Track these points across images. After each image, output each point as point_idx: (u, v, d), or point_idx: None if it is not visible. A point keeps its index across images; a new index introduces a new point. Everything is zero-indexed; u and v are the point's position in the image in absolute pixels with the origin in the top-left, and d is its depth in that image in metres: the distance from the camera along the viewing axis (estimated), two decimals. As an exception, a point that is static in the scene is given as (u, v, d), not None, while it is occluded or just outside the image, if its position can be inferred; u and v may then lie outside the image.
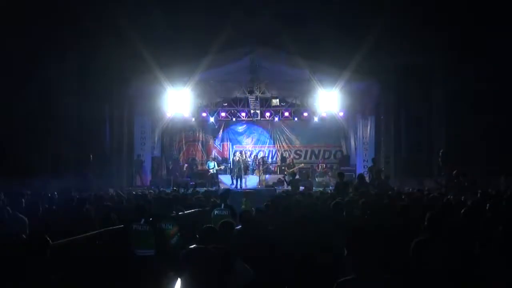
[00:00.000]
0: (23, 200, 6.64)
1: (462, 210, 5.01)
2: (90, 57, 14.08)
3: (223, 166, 20.25)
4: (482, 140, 12.48)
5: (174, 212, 6.98)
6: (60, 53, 12.86)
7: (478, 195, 7.52)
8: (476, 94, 12.69)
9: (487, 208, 5.54)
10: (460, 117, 13.44)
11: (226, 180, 19.25)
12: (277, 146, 22.36)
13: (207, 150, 22.17)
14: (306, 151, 22.30)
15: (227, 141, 22.38)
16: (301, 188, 13.09)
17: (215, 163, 19.51)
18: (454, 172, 10.82)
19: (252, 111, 20.24)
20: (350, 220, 5.57)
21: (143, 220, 5.89)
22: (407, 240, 3.82)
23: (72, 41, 12.99)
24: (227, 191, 8.90)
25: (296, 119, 20.93)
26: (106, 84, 15.04)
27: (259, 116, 20.91)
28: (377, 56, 14.07)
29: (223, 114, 20.57)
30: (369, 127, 18.87)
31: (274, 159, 22.21)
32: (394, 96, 16.49)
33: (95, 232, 5.88)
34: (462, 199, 7.51)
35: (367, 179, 12.04)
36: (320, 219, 5.54)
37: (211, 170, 19.08)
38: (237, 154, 19.22)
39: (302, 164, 20.64)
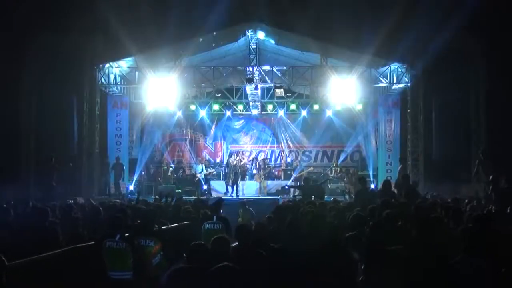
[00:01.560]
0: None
1: None
2: (55, 37, 14.05)
3: (215, 171, 20.24)
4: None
5: (156, 226, 6.89)
6: (20, 33, 12.85)
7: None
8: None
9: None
10: (503, 109, 13.43)
11: (219, 187, 19.23)
12: (281, 146, 22.30)
13: (196, 151, 22.12)
14: (317, 152, 22.25)
15: (221, 140, 22.32)
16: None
17: (203, 166, 19.51)
18: (496, 178, 10.79)
19: (251, 104, 20.14)
20: (372, 237, 5.53)
21: (118, 235, 5.87)
22: (440, 262, 3.79)
23: (35, 17, 12.97)
24: (220, 200, 8.88)
25: (304, 113, 20.91)
26: (75, 71, 15.03)
27: (259, 110, 20.84)
28: (403, 36, 14.05)
29: (215, 106, 20.48)
30: (393, 123, 18.82)
31: (278, 161, 22.17)
32: (423, 84, 16.47)
33: (60, 250, 5.84)
34: (508, 211, 7.48)
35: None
36: (336, 234, 5.57)
37: (198, 175, 19.10)
38: (233, 155, 19.20)
39: (312, 168, 20.56)
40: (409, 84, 17.35)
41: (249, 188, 18.97)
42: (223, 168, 20.50)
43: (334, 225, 6.41)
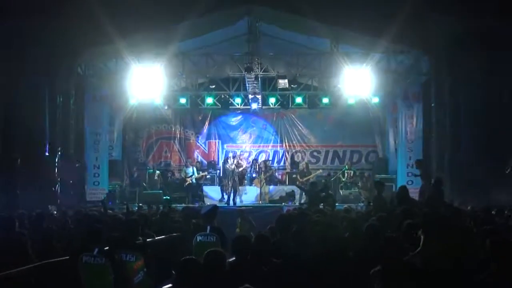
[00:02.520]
0: None
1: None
2: (21, 20, 14.04)
3: (208, 174, 20.27)
4: None
5: (140, 238, 6.97)
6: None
7: None
8: None
9: None
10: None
11: (213, 193, 19.30)
12: (285, 146, 22.41)
13: (186, 151, 22.21)
14: (327, 153, 22.34)
15: (215, 139, 22.43)
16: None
17: (194, 168, 19.55)
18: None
19: (250, 96, 20.11)
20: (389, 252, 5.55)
21: (96, 249, 5.90)
22: (465, 279, 3.82)
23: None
24: (215, 208, 8.89)
25: (312, 107, 20.92)
26: (47, 58, 15.00)
27: (260, 104, 20.86)
28: (426, 19, 14.05)
29: (209, 100, 20.49)
30: (414, 119, 18.83)
31: (282, 163, 22.27)
32: (450, 75, 16.44)
33: (30, 266, 5.86)
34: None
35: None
36: (347, 249, 5.58)
37: (189, 179, 19.14)
38: (229, 159, 19.15)
39: (320, 171, 20.66)
40: (433, 73, 17.33)
41: (248, 194, 19.04)
42: (218, 171, 20.61)
43: (344, 238, 6.42)
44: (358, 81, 17.34)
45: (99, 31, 14.17)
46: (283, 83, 18.88)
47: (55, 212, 11.91)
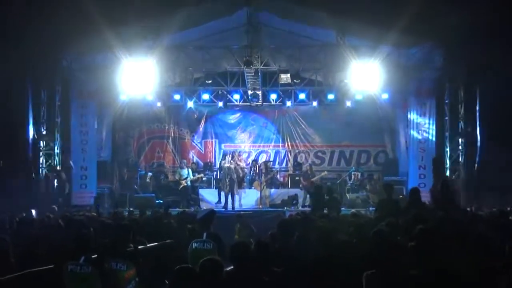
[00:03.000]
0: None
1: None
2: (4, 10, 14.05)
3: (204, 176, 20.25)
4: None
5: (131, 245, 6.98)
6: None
7: None
8: None
9: None
10: None
11: (210, 196, 19.30)
12: (287, 146, 22.41)
13: (181, 152, 22.20)
14: (332, 153, 22.33)
15: (212, 138, 22.44)
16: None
17: (189, 170, 19.49)
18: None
19: (250, 92, 20.10)
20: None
21: (83, 257, 5.88)
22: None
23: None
24: (211, 213, 8.91)
25: (316, 104, 20.92)
26: (29, 51, 14.98)
27: (260, 100, 20.85)
28: (439, 10, 14.04)
29: (205, 96, 20.54)
30: (427, 116, 18.87)
31: (283, 165, 22.26)
32: (465, 68, 16.50)
33: (11, 276, 5.84)
34: None
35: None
36: (355, 258, 5.56)
37: (183, 182, 19.12)
38: (226, 156, 19.18)
39: (325, 173, 20.61)
40: (446, 67, 17.38)
41: (247, 198, 19.03)
42: (215, 173, 20.60)
43: (350, 245, 6.44)
44: (366, 76, 17.33)
45: (87, 22, 14.15)
46: (285, 78, 18.90)
47: (39, 216, 11.86)
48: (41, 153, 17.85)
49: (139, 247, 7.22)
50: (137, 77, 17.25)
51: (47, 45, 15.61)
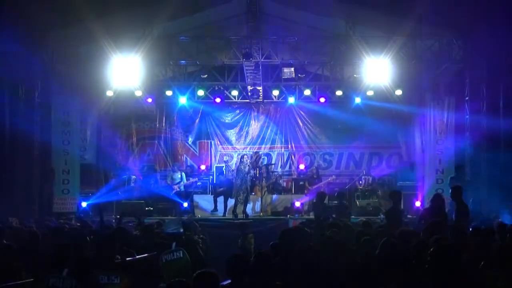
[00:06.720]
0: None
1: None
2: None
3: (199, 181, 20.22)
4: None
5: (118, 256, 7.10)
6: None
7: None
8: None
9: None
10: None
11: (205, 203, 19.17)
12: (290, 147, 22.50)
13: (173, 153, 22.27)
14: (340, 155, 22.42)
15: (207, 139, 22.51)
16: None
17: (183, 174, 19.49)
18: None
19: (249, 88, 20.27)
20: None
21: (66, 270, 5.97)
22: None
23: None
24: (189, 223, 9.24)
25: (323, 101, 20.90)
26: (5, 42, 14.85)
27: (261, 97, 20.96)
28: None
29: (200, 92, 20.53)
30: (446, 115, 18.86)
31: (287, 168, 22.32)
32: (487, 63, 16.51)
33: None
34: None
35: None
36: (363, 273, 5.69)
37: (175, 187, 19.09)
38: (245, 158, 18.44)
39: (333, 177, 20.63)
40: (467, 61, 17.38)
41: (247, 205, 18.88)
42: (211, 177, 20.67)
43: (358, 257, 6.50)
44: (377, 70, 17.43)
45: (69, 10, 14.18)
46: (288, 72, 19.06)
47: (17, 225, 11.73)
48: (19, 155, 17.83)
49: (128, 259, 7.36)
50: (125, 70, 17.31)
51: (25, 36, 15.52)
